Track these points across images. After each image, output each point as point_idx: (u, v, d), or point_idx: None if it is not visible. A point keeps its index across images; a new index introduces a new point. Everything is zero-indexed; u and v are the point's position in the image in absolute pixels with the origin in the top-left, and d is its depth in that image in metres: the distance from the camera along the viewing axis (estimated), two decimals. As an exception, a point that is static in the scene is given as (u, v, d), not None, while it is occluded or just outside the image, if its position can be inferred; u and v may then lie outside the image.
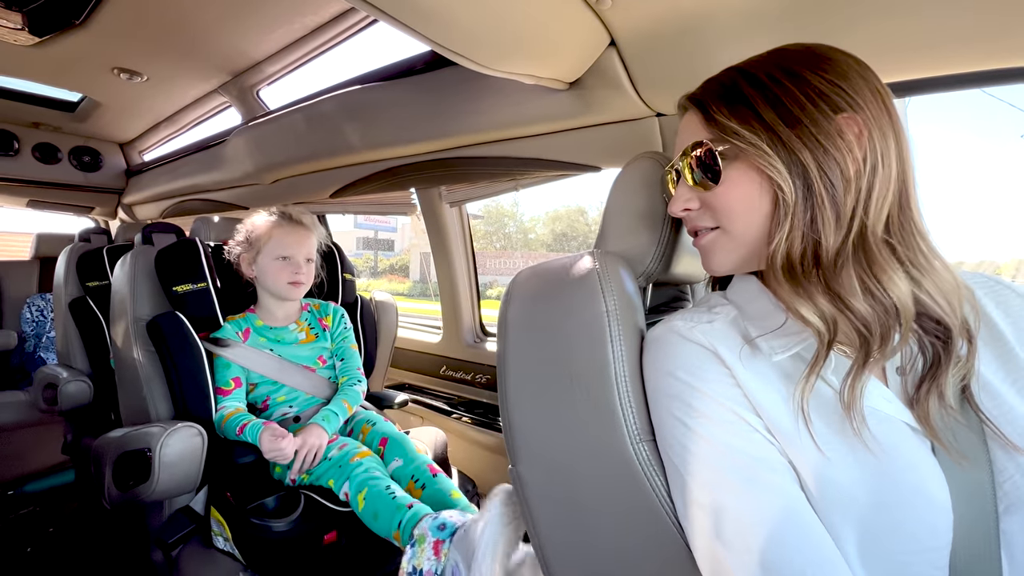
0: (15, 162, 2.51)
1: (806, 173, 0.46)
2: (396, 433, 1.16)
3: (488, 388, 1.68)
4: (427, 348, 1.91)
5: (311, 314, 1.34)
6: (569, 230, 19.47)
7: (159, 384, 1.16)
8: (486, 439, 1.57)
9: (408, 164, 1.47)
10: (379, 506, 0.95)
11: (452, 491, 1.05)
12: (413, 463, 1.10)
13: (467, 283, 1.77)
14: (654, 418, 0.55)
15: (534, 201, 32.43)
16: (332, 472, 1.05)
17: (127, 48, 1.74)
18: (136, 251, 1.28)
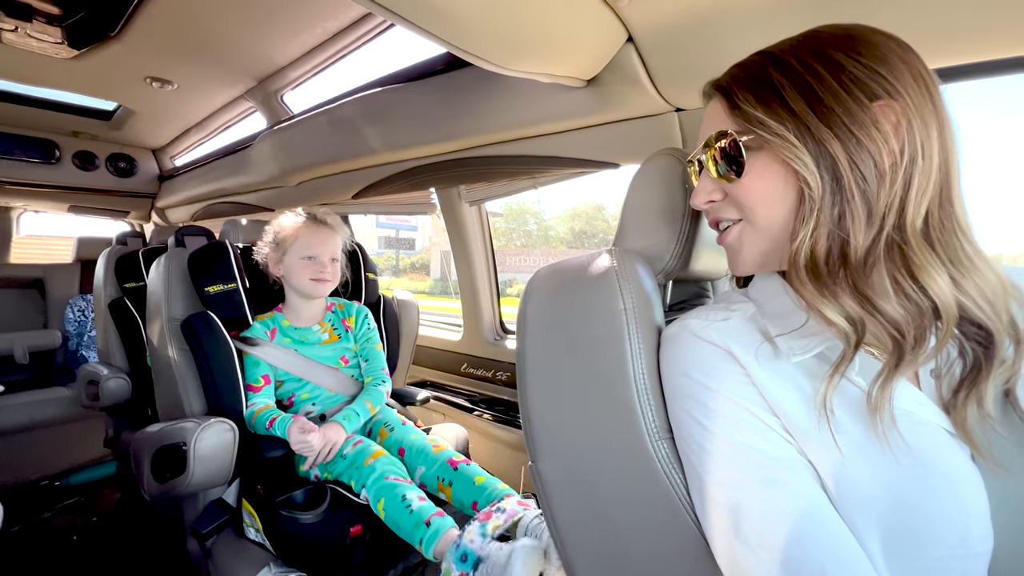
0: (57, 170, 2.64)
1: (835, 166, 0.44)
2: (413, 440, 1.18)
3: (508, 385, 1.69)
4: (448, 346, 1.93)
5: (335, 315, 1.37)
6: (588, 227, 19.32)
7: (193, 381, 1.21)
8: (506, 436, 1.58)
9: (427, 164, 1.49)
10: (398, 518, 0.97)
11: (477, 477, 1.07)
12: (436, 464, 1.12)
13: (487, 281, 1.78)
14: (671, 417, 0.55)
15: (555, 198, 32.22)
16: (349, 472, 1.08)
17: (158, 57, 1.80)
18: (170, 253, 1.33)
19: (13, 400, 2.01)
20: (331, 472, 1.10)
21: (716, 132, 0.52)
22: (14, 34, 1.64)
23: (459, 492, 1.06)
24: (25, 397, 2.06)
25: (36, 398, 2.09)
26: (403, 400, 1.47)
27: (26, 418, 2.04)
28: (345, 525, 0.99)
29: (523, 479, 1.50)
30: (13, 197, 2.76)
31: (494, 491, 1.03)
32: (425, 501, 0.99)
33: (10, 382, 2.04)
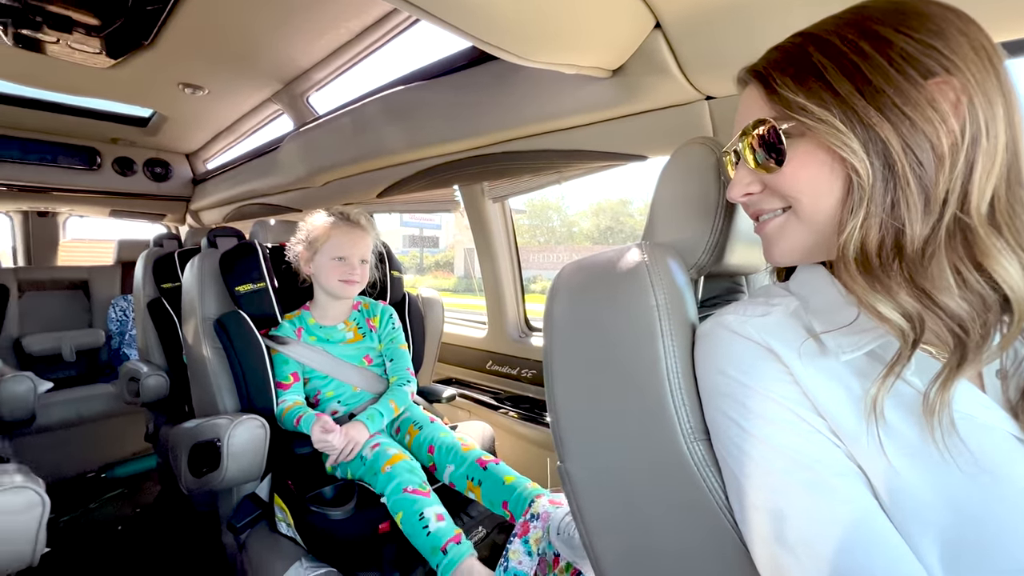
0: (99, 176, 2.76)
1: (887, 151, 0.41)
2: (443, 439, 1.18)
3: (534, 383, 1.68)
4: (473, 343, 1.93)
5: (360, 314, 1.39)
6: (614, 223, 19.09)
7: (226, 378, 1.24)
8: (532, 434, 1.57)
9: (450, 162, 1.49)
10: (415, 537, 0.97)
11: (506, 476, 1.07)
12: (465, 463, 1.11)
13: (511, 278, 1.77)
14: (707, 417, 0.53)
15: (578, 194, 31.86)
16: (368, 475, 1.08)
17: (190, 64, 1.85)
18: (202, 254, 1.37)
19: (61, 396, 2.11)
20: (351, 472, 1.11)
21: (753, 120, 0.49)
22: (57, 46, 1.71)
23: (489, 492, 1.06)
24: (72, 393, 2.17)
25: (82, 394, 2.19)
26: (429, 397, 1.47)
27: (73, 413, 2.14)
28: (373, 522, 1.00)
29: (550, 476, 1.49)
30: (59, 203, 2.90)
31: (524, 491, 1.02)
32: (443, 521, 0.98)
33: (58, 379, 2.14)
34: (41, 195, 2.73)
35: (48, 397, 1.90)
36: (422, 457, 1.17)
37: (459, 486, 1.12)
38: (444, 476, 1.13)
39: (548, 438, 1.56)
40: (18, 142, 2.50)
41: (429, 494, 1.02)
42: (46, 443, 2.05)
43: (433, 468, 1.15)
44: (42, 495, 0.80)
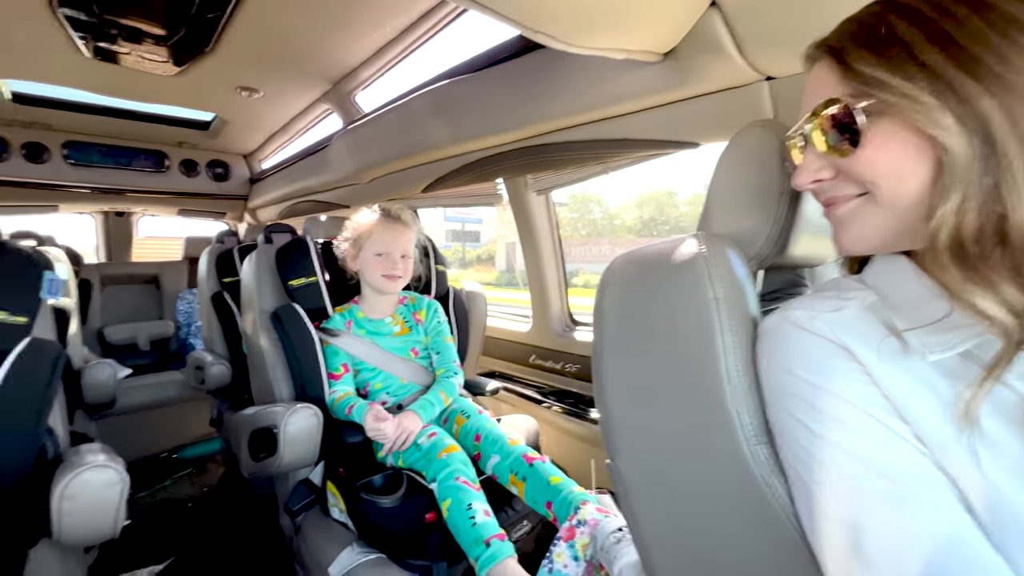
0: (166, 177, 2.95)
1: (987, 127, 0.36)
2: (490, 429, 1.18)
3: (579, 378, 1.66)
4: (516, 337, 1.93)
5: (406, 308, 1.41)
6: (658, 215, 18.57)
7: (282, 368, 1.29)
8: (577, 429, 1.55)
9: (494, 155, 1.48)
10: (459, 525, 0.98)
11: (552, 476, 1.05)
12: (510, 457, 1.11)
13: (555, 272, 1.75)
14: (772, 419, 0.49)
15: (621, 186, 31.15)
16: (421, 462, 1.10)
17: (247, 67, 1.94)
18: (259, 250, 1.44)
19: (137, 382, 2.29)
20: (405, 460, 1.13)
21: (825, 100, 0.44)
22: (130, 56, 1.84)
23: (532, 489, 1.05)
24: (147, 379, 2.34)
25: (155, 380, 2.37)
26: (473, 390, 1.48)
27: (148, 398, 2.32)
28: (420, 511, 1.02)
29: (594, 474, 1.47)
30: (133, 203, 3.13)
31: (570, 494, 1.01)
32: (490, 517, 0.98)
33: (135, 366, 2.32)
34: (118, 196, 2.95)
35: (126, 383, 2.06)
36: (467, 446, 1.17)
37: (502, 479, 1.12)
38: (488, 466, 1.13)
39: (594, 434, 1.54)
40: (98, 148, 2.72)
41: (479, 489, 1.02)
42: (124, 425, 2.23)
43: (478, 457, 1.15)
44: (122, 473, 0.86)
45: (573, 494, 1.01)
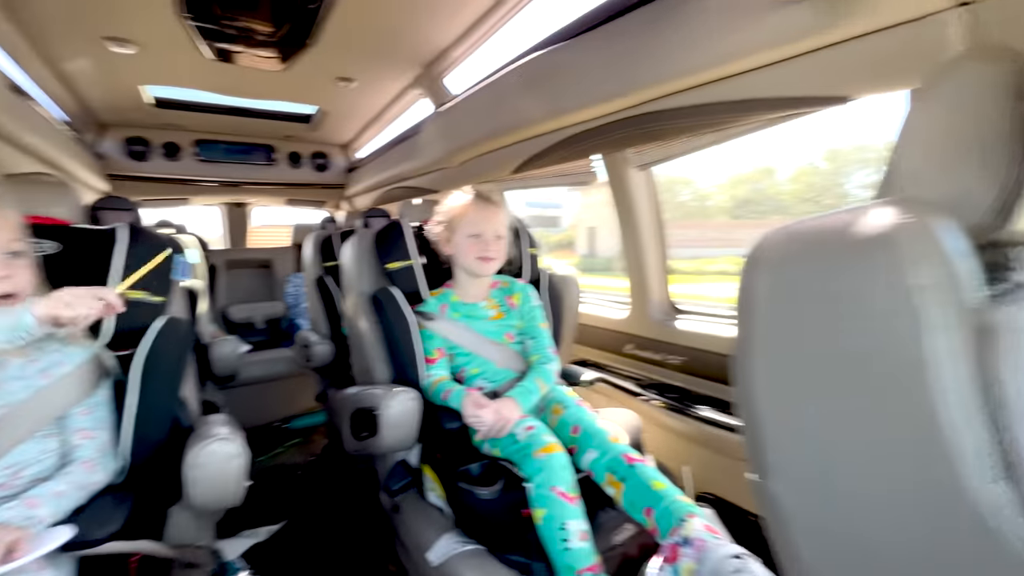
0: (275, 169, 3.19)
1: None
2: (589, 422, 1.10)
3: (682, 371, 1.52)
4: (610, 324, 1.82)
5: (500, 292, 1.37)
6: (754, 194, 17.06)
7: (381, 350, 1.31)
8: (681, 427, 1.42)
9: (593, 128, 1.37)
10: (550, 544, 0.91)
11: (654, 481, 0.95)
12: (608, 455, 1.03)
13: (656, 255, 1.61)
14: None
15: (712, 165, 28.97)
16: (518, 456, 1.04)
17: (344, 57, 2.00)
18: (358, 235, 1.47)
19: (255, 357, 2.52)
20: (502, 450, 1.09)
21: None
22: (244, 55, 1.97)
23: (631, 493, 0.96)
24: (262, 355, 2.57)
25: (269, 356, 2.59)
26: (568, 379, 1.41)
27: (263, 372, 2.54)
28: (517, 506, 0.97)
29: (693, 476, 1.34)
30: (248, 195, 3.44)
31: (673, 503, 0.90)
32: (586, 542, 0.91)
33: (252, 343, 2.56)
34: (236, 188, 3.26)
35: (245, 357, 2.27)
36: (563, 438, 1.10)
37: (597, 476, 1.03)
38: (584, 462, 1.06)
39: (700, 432, 1.40)
40: (220, 145, 3.00)
41: (575, 501, 0.95)
42: (244, 395, 2.47)
43: (573, 451, 1.08)
44: (242, 446, 0.91)
45: (677, 504, 0.90)
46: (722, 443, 1.35)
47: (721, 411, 1.39)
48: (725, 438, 1.34)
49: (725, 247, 13.83)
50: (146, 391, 0.90)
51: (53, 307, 0.67)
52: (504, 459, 1.08)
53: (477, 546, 0.98)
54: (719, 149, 1.38)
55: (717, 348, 1.44)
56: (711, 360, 1.45)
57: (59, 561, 0.70)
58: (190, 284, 1.53)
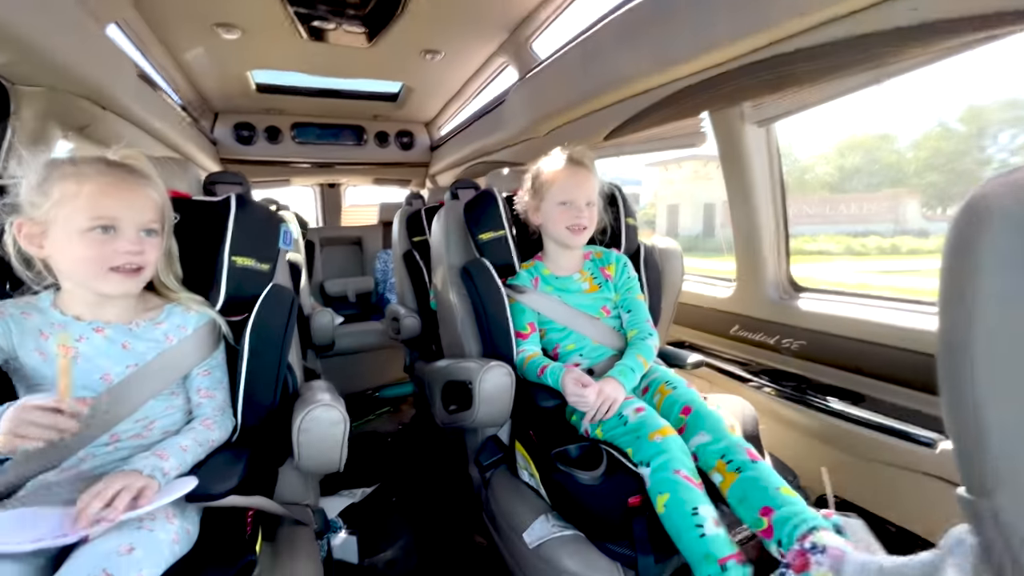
0: (364, 150, 3.30)
1: None
2: (702, 403, 0.99)
3: (800, 357, 1.34)
4: (713, 303, 1.65)
5: (593, 263, 1.28)
6: (866, 163, 15.10)
7: (470, 324, 1.28)
8: (800, 419, 1.26)
9: (704, 81, 1.21)
10: (681, 532, 0.81)
11: (780, 487, 0.82)
12: (723, 441, 0.91)
13: (774, 225, 1.42)
14: None
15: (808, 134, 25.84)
16: (627, 439, 0.96)
17: (430, 29, 1.96)
18: (447, 206, 1.44)
19: (348, 329, 2.64)
20: (605, 432, 1.01)
21: None
22: (334, 32, 2.00)
23: (746, 486, 0.84)
24: (354, 327, 2.70)
25: (360, 328, 2.71)
26: (669, 361, 1.29)
27: (355, 343, 2.66)
28: (624, 494, 0.90)
29: (829, 486, 1.16)
30: (340, 175, 3.60)
31: (802, 511, 0.77)
32: (721, 528, 0.80)
33: (346, 315, 2.69)
34: (330, 169, 3.41)
35: (340, 329, 2.38)
36: (671, 419, 1.00)
37: (705, 461, 0.92)
38: (690, 444, 0.94)
39: (822, 426, 1.23)
40: (314, 127, 3.15)
41: (702, 487, 0.85)
42: (339, 365, 2.61)
43: (680, 431, 0.97)
44: (343, 413, 0.92)
45: (807, 514, 0.76)
46: (852, 440, 1.17)
47: (851, 403, 1.20)
48: (855, 434, 1.16)
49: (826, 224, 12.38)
50: (256, 356, 0.93)
51: (7, 443, 0.63)
52: (605, 442, 1.00)
53: (576, 532, 0.92)
54: (831, 108, 1.15)
55: (847, 331, 1.25)
56: (838, 345, 1.26)
57: (187, 510, 0.75)
58: (292, 258, 1.61)
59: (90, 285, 0.76)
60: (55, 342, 0.70)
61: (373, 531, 1.60)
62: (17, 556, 0.60)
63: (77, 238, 0.72)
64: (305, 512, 0.98)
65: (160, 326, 0.84)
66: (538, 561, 0.91)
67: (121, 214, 0.75)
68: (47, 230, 0.73)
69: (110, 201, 0.74)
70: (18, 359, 0.75)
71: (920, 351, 1.09)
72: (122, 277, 0.76)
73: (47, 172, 0.74)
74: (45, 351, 0.75)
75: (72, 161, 0.76)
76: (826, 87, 1.09)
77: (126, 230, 0.75)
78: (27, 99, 1.25)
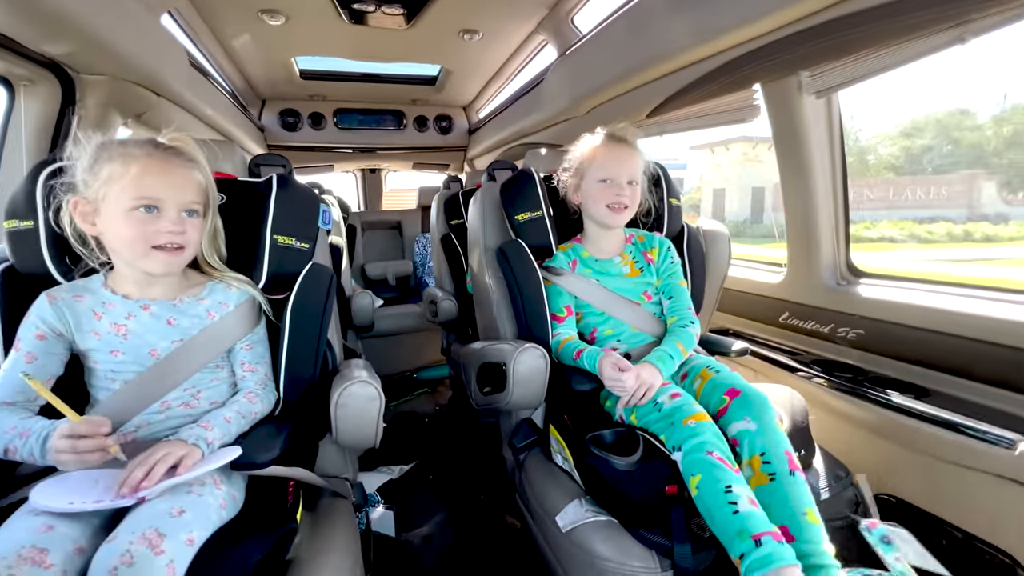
0: (404, 135, 3.32)
1: None
2: (749, 386, 0.94)
3: (857, 347, 1.25)
4: (760, 289, 1.57)
5: (635, 246, 1.23)
6: (938, 143, 13.89)
7: (506, 306, 1.27)
8: (856, 412, 1.18)
9: (757, 49, 1.13)
10: (714, 510, 0.78)
11: (807, 511, 0.79)
12: (766, 435, 0.86)
13: (831, 205, 1.32)
14: None
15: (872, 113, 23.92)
16: (661, 425, 0.92)
17: (468, 7, 1.92)
18: (484, 188, 1.42)
19: (388, 311, 2.70)
20: (639, 418, 0.98)
21: None
22: (374, 15, 2.00)
23: (772, 498, 0.81)
24: (393, 310, 2.75)
25: (399, 311, 2.76)
26: (711, 348, 1.24)
27: (394, 325, 2.72)
28: (660, 481, 0.87)
29: (863, 485, 1.09)
30: (381, 160, 3.65)
31: (815, 553, 0.74)
32: (756, 507, 0.77)
33: (385, 298, 2.74)
34: (371, 154, 3.47)
35: (380, 311, 2.44)
36: (712, 401, 0.96)
37: (743, 450, 0.88)
38: (733, 428, 0.90)
39: (880, 421, 1.14)
40: (356, 113, 3.20)
41: (738, 471, 0.82)
42: (379, 346, 2.68)
43: (721, 413, 0.93)
44: (379, 391, 0.93)
45: (824, 555, 0.74)
46: (913, 436, 1.09)
47: (914, 397, 1.11)
48: (917, 430, 1.08)
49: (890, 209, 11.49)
50: (296, 331, 0.96)
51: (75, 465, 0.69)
52: (641, 428, 0.97)
53: (609, 518, 0.90)
54: (896, 83, 1.04)
55: (912, 320, 1.15)
56: (901, 335, 1.17)
57: (233, 478, 0.78)
58: (335, 240, 1.65)
59: (135, 263, 0.79)
60: (30, 382, 0.70)
61: (410, 507, 1.65)
62: (79, 515, 0.65)
63: (123, 216, 0.75)
64: (344, 485, 1.01)
65: (203, 302, 0.88)
66: (571, 545, 0.90)
67: (164, 194, 0.77)
68: (98, 208, 0.77)
69: (153, 181, 0.77)
70: (76, 342, 0.80)
71: (999, 343, 0.99)
72: (164, 256, 0.79)
73: (98, 153, 0.77)
74: (99, 331, 0.80)
75: (122, 143, 0.79)
76: (897, 50, 0.99)
77: (168, 210, 0.78)
78: (90, 87, 1.32)
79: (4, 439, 0.70)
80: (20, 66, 1.15)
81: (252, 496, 0.80)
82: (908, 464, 1.12)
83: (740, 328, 1.64)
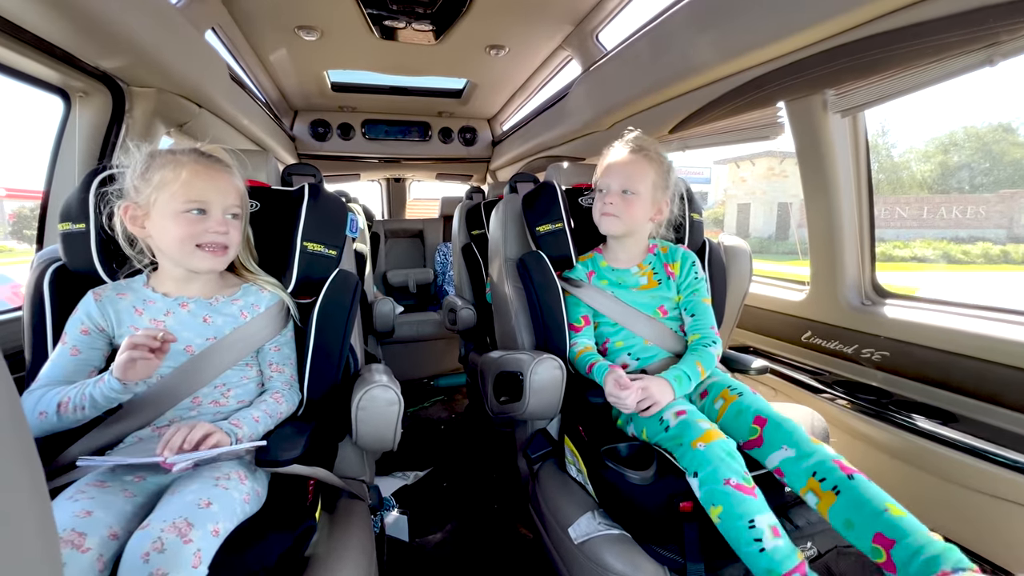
0: (429, 145, 3.40)
1: None
2: (774, 412, 0.92)
3: (883, 369, 1.22)
4: (782, 307, 1.55)
5: (656, 258, 1.23)
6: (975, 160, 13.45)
7: (524, 316, 1.29)
8: (880, 436, 1.15)
9: (783, 67, 1.13)
10: (741, 548, 0.77)
11: (888, 506, 0.74)
12: (813, 456, 0.84)
13: (856, 224, 1.30)
14: None
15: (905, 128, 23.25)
16: (671, 444, 0.91)
17: (495, 24, 1.98)
18: (506, 199, 1.45)
19: (408, 318, 2.75)
20: (649, 435, 0.98)
21: None
22: (404, 31, 2.07)
23: (849, 510, 0.76)
24: (413, 317, 2.79)
25: (419, 318, 2.80)
26: (731, 366, 1.23)
27: (414, 332, 2.76)
28: (674, 498, 0.86)
29: (902, 502, 1.05)
30: (406, 170, 3.73)
31: (928, 544, 0.68)
32: (781, 539, 0.75)
33: (406, 305, 2.79)
34: (396, 164, 3.55)
35: (400, 318, 2.48)
36: (742, 428, 0.94)
37: (794, 480, 0.85)
38: (771, 460, 0.88)
39: (904, 446, 1.11)
40: (383, 124, 3.29)
41: (755, 492, 0.80)
42: (398, 352, 2.72)
43: (754, 444, 0.92)
44: (399, 395, 0.96)
45: (935, 545, 0.68)
46: (940, 463, 1.06)
47: (941, 422, 1.08)
48: (944, 457, 1.04)
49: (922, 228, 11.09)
50: (321, 334, 0.99)
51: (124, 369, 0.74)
52: (653, 444, 0.97)
53: (622, 532, 0.90)
54: (932, 99, 1.03)
55: (939, 343, 1.12)
56: (927, 357, 1.14)
57: (257, 474, 0.81)
58: (359, 248, 1.69)
59: (182, 262, 0.85)
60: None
61: (423, 513, 1.66)
62: (114, 504, 0.68)
63: (173, 219, 0.81)
64: (361, 487, 1.04)
65: (236, 303, 0.92)
66: (583, 558, 0.90)
67: (211, 197, 0.83)
68: (149, 212, 0.82)
69: (202, 185, 0.82)
70: (116, 337, 0.85)
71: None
72: (209, 255, 0.84)
73: (149, 161, 0.83)
74: (139, 327, 0.84)
75: (171, 151, 0.85)
76: (925, 71, 0.98)
77: (215, 212, 0.84)
78: (139, 99, 1.40)
79: (57, 397, 0.76)
80: (78, 79, 1.23)
81: (274, 493, 0.83)
82: (935, 491, 1.08)
83: (760, 346, 1.61)
